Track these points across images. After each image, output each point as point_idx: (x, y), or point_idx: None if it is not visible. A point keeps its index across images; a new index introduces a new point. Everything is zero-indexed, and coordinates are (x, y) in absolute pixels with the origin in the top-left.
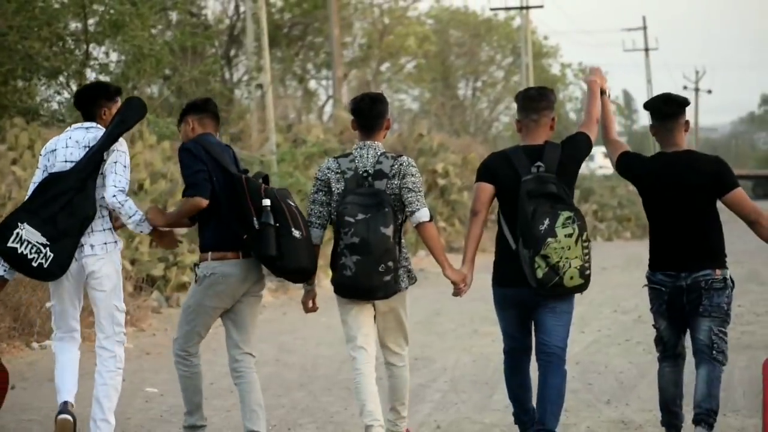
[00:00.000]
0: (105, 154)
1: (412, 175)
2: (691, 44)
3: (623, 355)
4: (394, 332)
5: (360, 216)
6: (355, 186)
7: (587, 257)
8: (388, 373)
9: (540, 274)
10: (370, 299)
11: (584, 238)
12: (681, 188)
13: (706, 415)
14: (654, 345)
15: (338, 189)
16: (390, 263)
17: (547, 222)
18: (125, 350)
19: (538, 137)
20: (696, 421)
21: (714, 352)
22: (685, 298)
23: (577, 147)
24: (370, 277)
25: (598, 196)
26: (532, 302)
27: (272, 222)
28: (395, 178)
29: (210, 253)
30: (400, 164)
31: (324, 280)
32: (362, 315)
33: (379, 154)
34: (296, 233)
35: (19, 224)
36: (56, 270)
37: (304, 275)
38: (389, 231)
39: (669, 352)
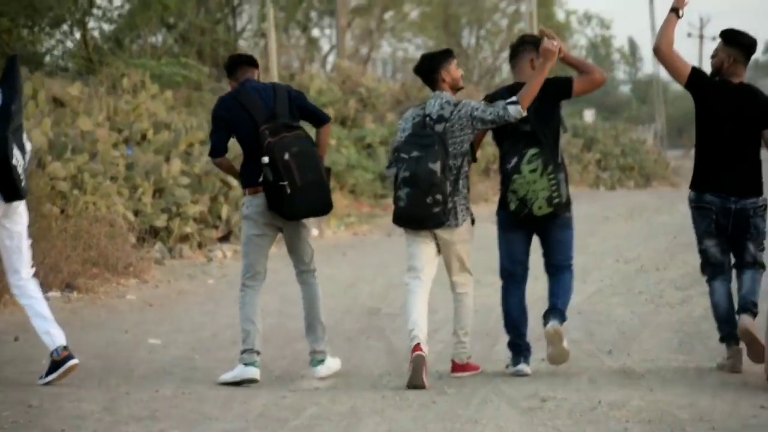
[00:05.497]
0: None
1: (472, 105)
2: None
3: (625, 305)
4: (454, 264)
5: (414, 153)
6: (418, 129)
7: (555, 187)
8: (453, 298)
9: (513, 207)
10: (421, 228)
11: (549, 170)
12: (742, 117)
13: (752, 304)
14: (700, 270)
15: (406, 131)
16: (438, 196)
17: (514, 161)
18: (128, 302)
19: (521, 77)
20: (741, 310)
21: (757, 265)
22: (731, 220)
23: (556, 85)
24: (418, 207)
25: (601, 145)
26: (535, 226)
27: (270, 178)
28: (455, 120)
29: (247, 189)
30: (459, 108)
31: (326, 231)
32: (422, 247)
33: (444, 102)
34: (285, 185)
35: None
36: (24, 194)
37: (309, 216)
38: (436, 166)
39: (719, 270)
